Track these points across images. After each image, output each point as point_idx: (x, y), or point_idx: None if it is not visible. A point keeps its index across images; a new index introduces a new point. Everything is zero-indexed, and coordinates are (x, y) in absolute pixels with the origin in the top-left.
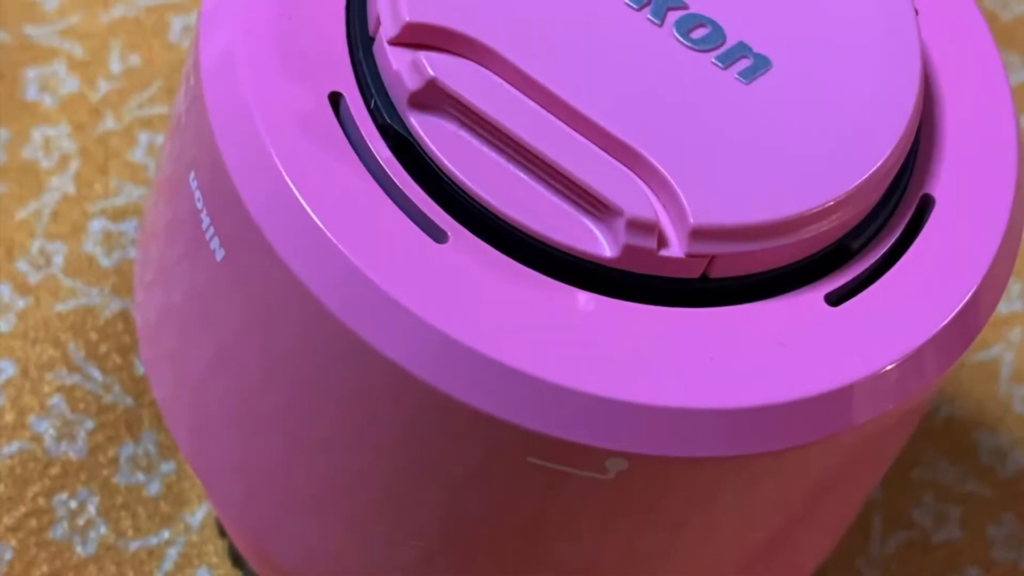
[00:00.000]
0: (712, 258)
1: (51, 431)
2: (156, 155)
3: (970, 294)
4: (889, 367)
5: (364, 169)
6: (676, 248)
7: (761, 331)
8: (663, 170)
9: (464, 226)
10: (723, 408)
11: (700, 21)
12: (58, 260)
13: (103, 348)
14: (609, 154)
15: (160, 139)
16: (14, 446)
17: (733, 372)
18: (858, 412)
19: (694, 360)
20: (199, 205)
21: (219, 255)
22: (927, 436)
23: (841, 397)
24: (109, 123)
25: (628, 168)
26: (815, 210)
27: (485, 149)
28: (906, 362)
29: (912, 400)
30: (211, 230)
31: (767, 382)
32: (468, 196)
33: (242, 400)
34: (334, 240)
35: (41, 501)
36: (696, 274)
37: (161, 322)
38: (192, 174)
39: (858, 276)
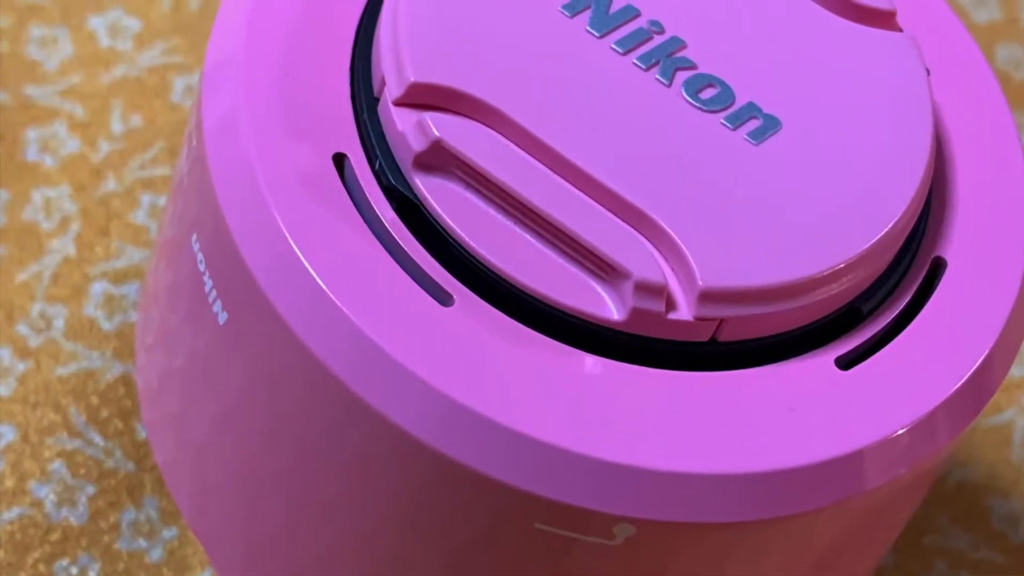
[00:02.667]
0: (721, 321)
1: (52, 496)
2: (158, 217)
3: (982, 358)
4: (900, 432)
5: (369, 231)
6: (685, 311)
7: (770, 395)
8: (671, 232)
9: (470, 289)
10: (732, 473)
11: (709, 81)
12: (59, 323)
13: (104, 413)
14: (617, 216)
15: (162, 200)
16: (14, 512)
17: (742, 437)
18: (869, 477)
19: (703, 425)
20: (201, 267)
21: (222, 318)
22: (939, 501)
23: (851, 462)
24: (110, 184)
25: (636, 230)
26: (825, 273)
27: (491, 211)
28: (917, 427)
29: (923, 465)
30: (213, 293)
31: (776, 447)
32: (474, 259)
33: (245, 463)
34: (338, 303)
35: (42, 567)
36: (705, 337)
37: (163, 385)
38: (194, 236)
39: (869, 339)
